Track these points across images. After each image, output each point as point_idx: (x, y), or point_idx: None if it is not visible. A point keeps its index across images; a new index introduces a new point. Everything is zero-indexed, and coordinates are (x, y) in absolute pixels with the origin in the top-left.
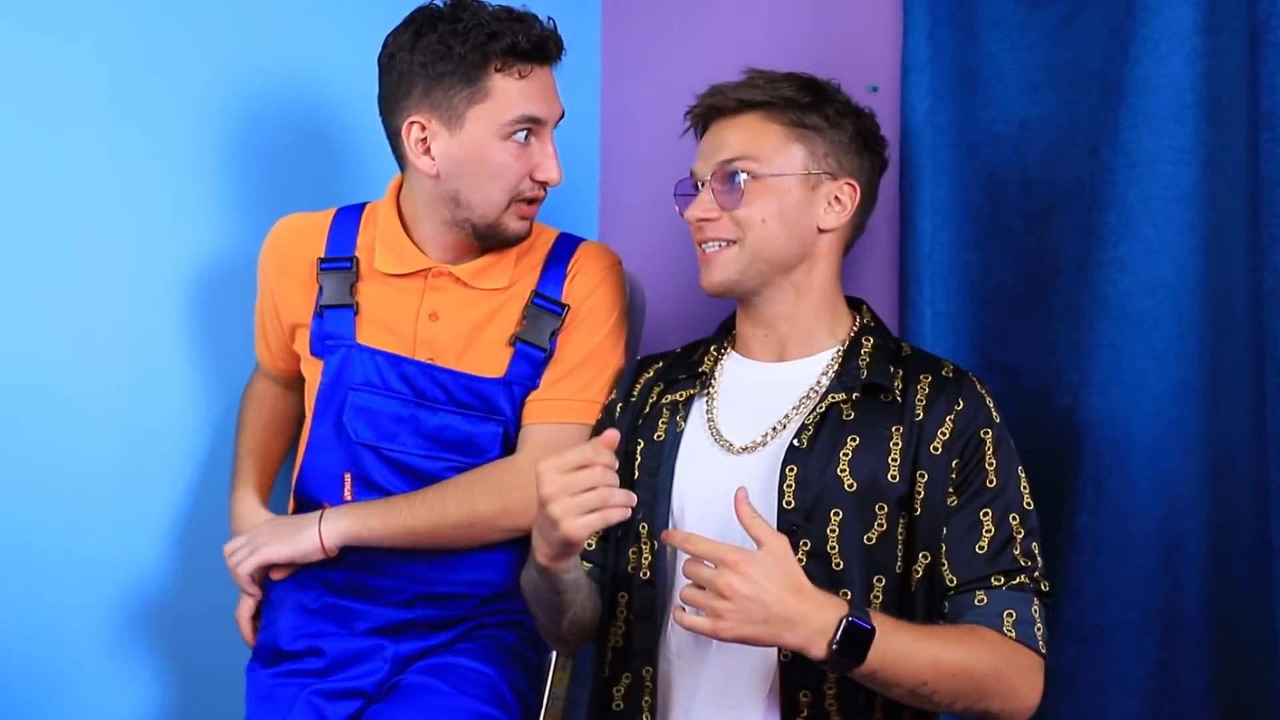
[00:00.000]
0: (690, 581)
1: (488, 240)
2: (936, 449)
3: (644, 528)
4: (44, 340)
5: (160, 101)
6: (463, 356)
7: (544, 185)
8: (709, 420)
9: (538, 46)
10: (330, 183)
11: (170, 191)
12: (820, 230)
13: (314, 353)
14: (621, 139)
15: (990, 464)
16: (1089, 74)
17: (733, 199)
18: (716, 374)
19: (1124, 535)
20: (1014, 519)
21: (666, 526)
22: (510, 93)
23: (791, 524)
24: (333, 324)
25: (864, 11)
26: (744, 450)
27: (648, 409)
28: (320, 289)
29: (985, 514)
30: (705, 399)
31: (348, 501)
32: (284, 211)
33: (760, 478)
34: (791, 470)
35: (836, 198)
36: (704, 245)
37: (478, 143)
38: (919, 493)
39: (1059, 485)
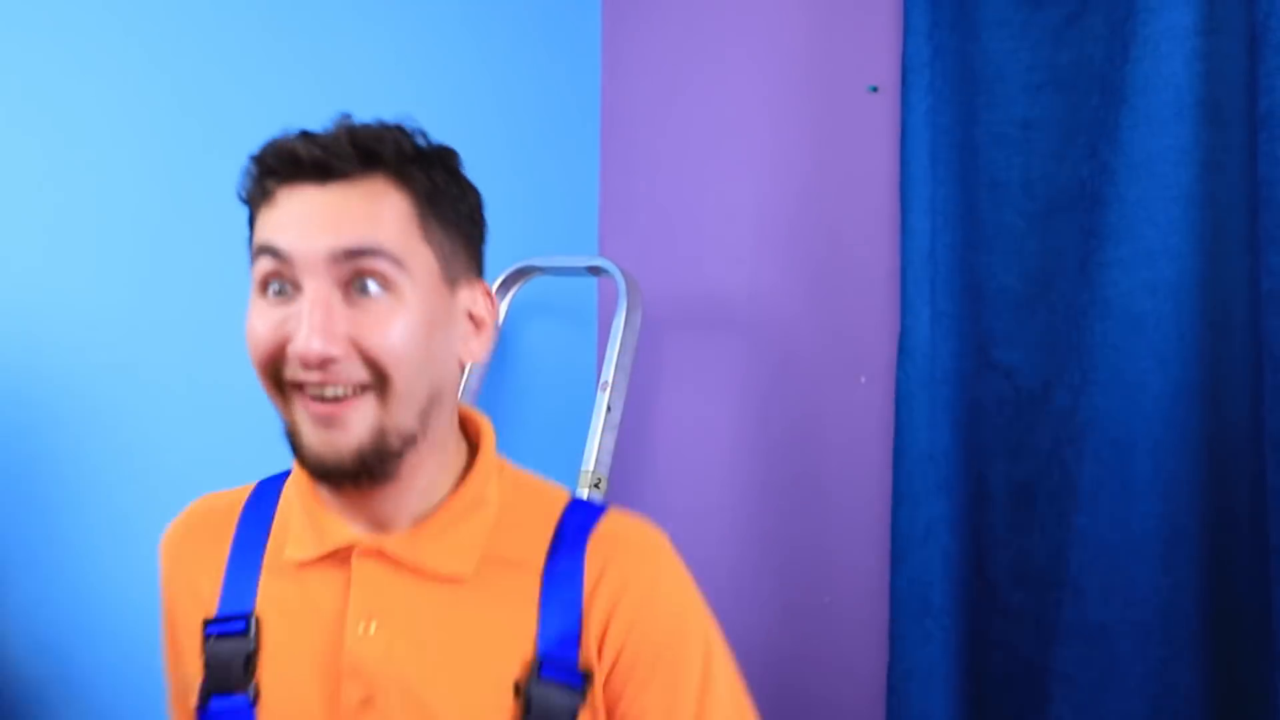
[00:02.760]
0: None
1: (322, 479)
2: None
3: None
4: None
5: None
6: (426, 699)
7: (318, 366)
8: None
9: (288, 161)
10: None
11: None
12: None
13: None
14: (621, 139)
15: None
16: (1090, 74)
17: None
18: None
19: (1125, 535)
20: None
21: None
22: (259, 227)
23: None
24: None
25: (864, 11)
26: None
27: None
28: (205, 663)
29: None
30: None
31: None
32: None
33: None
34: None
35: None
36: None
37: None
38: None
39: (1060, 485)
